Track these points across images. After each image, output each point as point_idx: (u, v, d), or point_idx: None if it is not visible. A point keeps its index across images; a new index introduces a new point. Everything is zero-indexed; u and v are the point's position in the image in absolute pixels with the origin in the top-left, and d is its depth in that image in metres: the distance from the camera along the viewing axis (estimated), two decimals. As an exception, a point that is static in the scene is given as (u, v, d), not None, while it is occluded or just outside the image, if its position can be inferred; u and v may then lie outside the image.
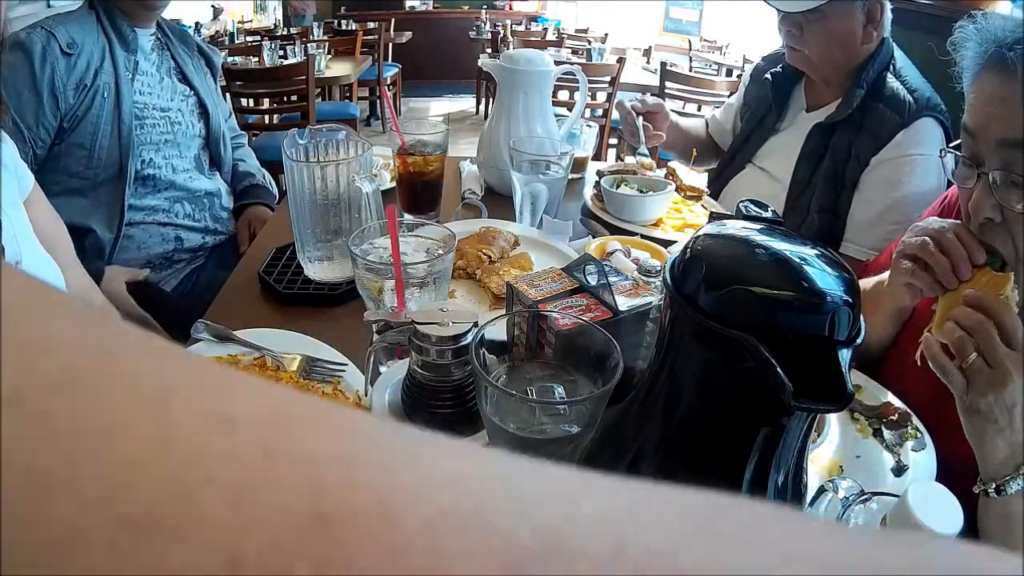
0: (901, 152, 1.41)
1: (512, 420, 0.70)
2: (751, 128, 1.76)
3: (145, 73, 1.62)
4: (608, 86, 4.67)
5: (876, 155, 1.43)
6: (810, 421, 0.56)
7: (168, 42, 1.69)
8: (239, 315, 1.10)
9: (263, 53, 4.90)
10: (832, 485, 0.68)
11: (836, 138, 1.50)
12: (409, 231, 1.01)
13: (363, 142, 1.15)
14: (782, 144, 1.67)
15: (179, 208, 1.69)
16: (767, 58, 1.80)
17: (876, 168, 1.44)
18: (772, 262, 0.51)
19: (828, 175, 1.50)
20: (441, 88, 8.46)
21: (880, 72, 1.47)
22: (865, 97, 1.46)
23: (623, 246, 1.23)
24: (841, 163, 1.48)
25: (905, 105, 1.42)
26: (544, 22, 8.40)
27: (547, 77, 1.58)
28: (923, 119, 1.41)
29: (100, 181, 1.56)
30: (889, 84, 1.45)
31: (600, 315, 0.85)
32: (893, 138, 1.41)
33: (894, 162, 1.41)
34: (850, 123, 1.47)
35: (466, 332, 0.79)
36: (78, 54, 1.48)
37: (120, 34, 1.54)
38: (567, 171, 1.39)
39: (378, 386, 0.89)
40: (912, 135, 1.41)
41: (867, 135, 1.45)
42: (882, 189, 1.43)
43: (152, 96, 1.63)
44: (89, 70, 1.49)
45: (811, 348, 0.46)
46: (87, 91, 1.49)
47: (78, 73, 1.48)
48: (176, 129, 1.68)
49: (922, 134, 1.41)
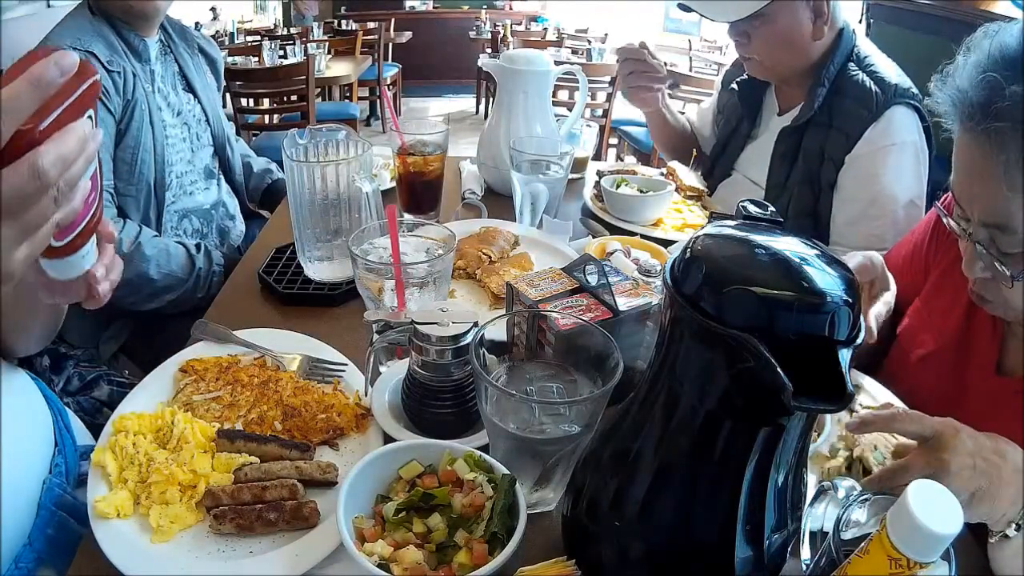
0: (874, 146, 1.37)
1: (512, 420, 0.70)
2: (727, 136, 1.74)
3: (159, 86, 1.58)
4: (608, 86, 4.67)
5: (850, 153, 1.40)
6: (810, 421, 0.56)
7: (171, 45, 1.66)
8: (239, 315, 1.10)
9: (263, 53, 4.90)
10: (832, 485, 0.68)
11: (807, 140, 1.46)
12: (409, 231, 1.01)
13: (363, 142, 1.15)
14: (759, 150, 1.64)
15: (186, 224, 1.65)
16: (736, 63, 1.75)
17: (851, 166, 1.41)
18: (772, 262, 0.51)
19: (804, 178, 1.47)
20: (441, 88, 8.46)
21: (843, 65, 1.43)
22: (831, 94, 1.42)
23: (623, 246, 1.23)
24: (815, 166, 1.45)
25: (872, 97, 1.37)
26: (544, 22, 8.40)
27: (547, 77, 1.58)
28: (892, 108, 1.36)
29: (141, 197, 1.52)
30: (852, 77, 1.41)
31: (600, 315, 0.85)
32: (864, 134, 1.37)
33: (868, 157, 1.38)
34: (819, 124, 1.43)
35: (466, 332, 0.79)
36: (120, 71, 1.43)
37: (130, 45, 1.50)
38: (567, 171, 1.39)
39: (378, 386, 0.89)
40: (884, 127, 1.36)
41: (837, 134, 1.41)
42: (860, 186, 1.40)
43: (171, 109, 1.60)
44: (128, 84, 1.45)
45: (811, 348, 0.46)
46: (130, 106, 1.45)
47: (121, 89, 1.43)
48: (191, 139, 1.65)
49: (894, 124, 1.36)
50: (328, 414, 0.86)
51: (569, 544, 0.69)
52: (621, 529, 0.61)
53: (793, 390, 0.44)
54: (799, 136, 1.48)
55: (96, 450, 0.77)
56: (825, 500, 0.68)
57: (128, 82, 1.44)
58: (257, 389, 0.90)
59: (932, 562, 0.49)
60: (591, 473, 0.65)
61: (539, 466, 0.71)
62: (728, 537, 0.56)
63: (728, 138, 1.74)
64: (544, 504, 0.76)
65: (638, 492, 0.59)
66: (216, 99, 1.78)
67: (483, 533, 0.63)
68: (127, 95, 1.44)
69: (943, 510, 0.48)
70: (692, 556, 0.60)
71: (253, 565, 0.69)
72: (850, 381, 0.45)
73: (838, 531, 0.59)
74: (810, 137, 1.46)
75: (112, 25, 1.48)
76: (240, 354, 0.97)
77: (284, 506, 0.72)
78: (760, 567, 0.59)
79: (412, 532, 0.65)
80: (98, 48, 1.40)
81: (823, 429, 0.88)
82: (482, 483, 0.67)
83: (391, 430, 0.83)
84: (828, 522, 0.66)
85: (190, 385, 0.90)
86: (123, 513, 0.72)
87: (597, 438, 0.67)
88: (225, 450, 0.79)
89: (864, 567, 0.51)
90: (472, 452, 0.71)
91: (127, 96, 1.44)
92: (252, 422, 0.85)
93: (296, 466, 0.77)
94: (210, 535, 0.72)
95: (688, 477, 0.57)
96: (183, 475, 0.74)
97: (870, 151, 1.37)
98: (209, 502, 0.73)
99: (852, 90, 1.40)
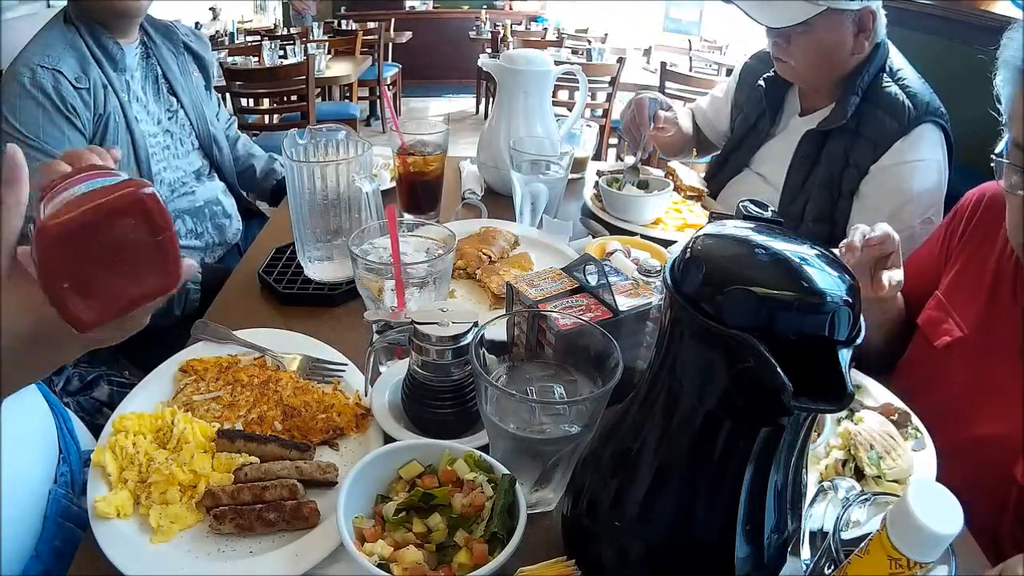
0: (901, 159, 1.38)
1: (512, 420, 0.70)
2: (744, 132, 1.74)
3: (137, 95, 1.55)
4: (608, 86, 4.67)
5: (876, 163, 1.40)
6: (810, 421, 0.56)
7: (152, 47, 1.62)
8: (239, 315, 1.10)
9: (263, 53, 4.90)
10: (832, 485, 0.68)
11: (831, 145, 1.47)
12: (409, 231, 1.01)
13: (363, 142, 1.15)
14: (777, 149, 1.64)
15: (180, 225, 1.63)
16: (757, 56, 1.76)
17: (875, 176, 1.41)
18: (772, 262, 0.51)
19: (823, 182, 1.47)
20: (441, 88, 8.46)
21: (876, 75, 1.44)
22: (861, 102, 1.42)
23: (623, 246, 1.23)
24: (837, 171, 1.45)
25: (905, 111, 1.38)
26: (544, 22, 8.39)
27: (547, 77, 1.58)
28: (923, 125, 1.38)
29: None
30: (886, 89, 1.42)
31: (600, 315, 0.85)
32: (892, 146, 1.38)
33: (895, 169, 1.39)
34: (846, 130, 1.44)
35: (466, 332, 0.79)
36: (89, 86, 1.41)
37: (107, 53, 1.47)
38: (567, 171, 1.39)
39: (378, 386, 0.89)
40: (912, 142, 1.38)
41: (865, 142, 1.41)
42: (883, 197, 1.41)
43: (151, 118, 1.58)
44: (99, 98, 1.43)
45: (811, 348, 0.46)
46: (102, 120, 1.44)
47: (91, 103, 1.42)
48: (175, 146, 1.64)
49: (923, 140, 1.38)
50: (328, 414, 0.86)
51: (569, 544, 0.69)
52: (621, 529, 0.61)
53: (793, 390, 0.44)
54: (823, 140, 1.48)
55: (96, 450, 0.77)
56: (825, 500, 0.68)
57: (98, 95, 1.43)
58: (257, 389, 0.90)
59: (932, 562, 0.49)
60: (591, 473, 0.65)
61: (539, 466, 0.71)
62: (728, 537, 0.56)
63: (745, 134, 1.73)
64: (544, 504, 0.76)
65: (638, 492, 0.59)
66: (202, 98, 1.75)
67: (483, 533, 0.63)
68: (98, 109, 1.43)
69: (943, 510, 0.48)
70: (692, 556, 0.60)
71: (253, 565, 0.69)
72: (850, 381, 0.45)
73: (838, 531, 0.59)
74: (835, 142, 1.46)
75: (91, 32, 1.45)
76: (240, 354, 0.97)
77: (284, 506, 0.72)
78: (760, 567, 0.59)
79: (412, 532, 0.65)
80: (66, 65, 1.39)
81: (823, 429, 0.88)
82: (482, 483, 0.67)
83: (391, 430, 0.83)
84: (828, 522, 0.66)
85: (190, 385, 0.90)
86: (123, 513, 0.72)
87: (597, 438, 0.67)
88: (225, 450, 0.79)
89: (864, 567, 0.51)
90: (472, 452, 0.71)
91: (98, 110, 1.43)
92: (252, 422, 0.85)
93: (296, 466, 0.77)
94: (210, 535, 0.72)
95: (688, 477, 0.57)
96: (183, 475, 0.74)
97: (896, 164, 1.39)
98: (209, 502, 0.73)
99: (885, 101, 1.41)
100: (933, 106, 1.40)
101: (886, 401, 0.95)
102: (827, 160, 1.47)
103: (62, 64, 1.38)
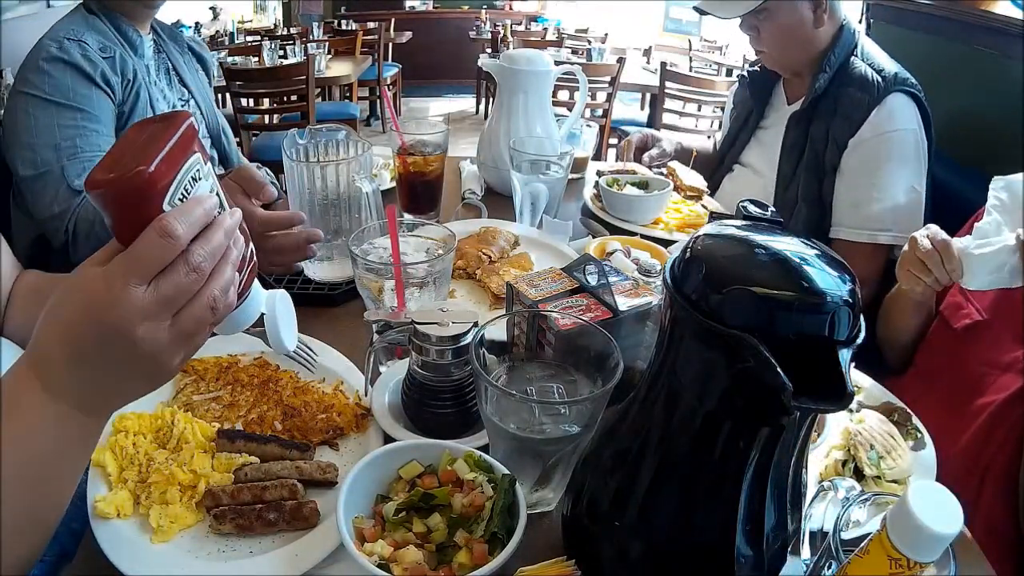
0: (877, 131, 1.45)
1: (512, 420, 0.70)
2: (737, 129, 1.78)
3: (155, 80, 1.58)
4: (608, 86, 4.67)
5: (853, 136, 1.47)
6: (810, 421, 0.56)
7: (162, 43, 1.67)
8: (239, 315, 1.10)
9: (263, 53, 4.90)
10: (832, 485, 0.68)
11: (814, 127, 1.53)
12: (409, 231, 1.01)
13: (363, 142, 1.15)
14: (766, 139, 1.70)
15: None
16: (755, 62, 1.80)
17: (854, 150, 1.48)
18: (772, 262, 0.51)
19: (809, 165, 1.54)
20: (441, 88, 8.46)
21: (846, 58, 1.51)
22: (836, 83, 1.50)
23: (623, 246, 1.23)
24: (820, 151, 1.52)
25: (873, 84, 1.46)
26: (544, 22, 8.40)
27: (547, 77, 1.58)
28: (893, 95, 1.45)
29: None
30: (856, 67, 1.50)
31: (600, 315, 0.85)
32: (867, 118, 1.45)
33: (871, 142, 1.45)
34: (825, 110, 1.51)
35: (466, 332, 0.79)
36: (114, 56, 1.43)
37: (127, 38, 1.51)
38: (567, 171, 1.39)
39: (378, 386, 0.89)
40: (886, 113, 1.45)
41: (841, 119, 1.49)
42: (863, 170, 1.47)
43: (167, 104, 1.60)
44: (126, 67, 1.45)
45: (811, 348, 0.46)
46: (131, 86, 1.45)
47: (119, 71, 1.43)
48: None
49: (896, 111, 1.45)
50: (328, 414, 0.86)
51: (569, 544, 0.69)
52: (621, 529, 0.61)
53: (793, 390, 0.44)
54: (806, 124, 1.55)
55: (96, 450, 0.77)
56: (825, 500, 0.68)
57: (125, 66, 1.45)
58: (257, 389, 0.90)
59: (932, 562, 0.49)
60: (591, 473, 0.65)
61: (539, 466, 0.71)
62: (728, 537, 0.56)
63: (738, 131, 1.78)
64: (544, 504, 0.76)
65: (638, 492, 0.59)
66: (208, 94, 1.80)
67: (483, 533, 0.63)
68: (127, 75, 1.45)
69: (943, 510, 0.48)
70: (692, 556, 0.60)
71: (253, 565, 0.69)
72: (850, 381, 0.45)
73: (838, 531, 0.59)
74: (817, 125, 1.53)
75: (111, 20, 1.49)
76: (240, 354, 0.97)
77: (284, 506, 0.72)
78: (760, 567, 0.59)
79: (412, 532, 0.65)
80: (90, 38, 1.41)
81: (823, 429, 0.88)
82: (482, 483, 0.67)
83: (391, 430, 0.83)
84: (828, 522, 0.66)
85: (190, 385, 0.90)
86: (123, 513, 0.72)
87: (597, 438, 0.67)
88: (225, 450, 0.79)
89: (864, 567, 0.51)
90: (472, 452, 0.71)
91: (127, 76, 1.44)
92: (252, 422, 0.85)
93: (296, 466, 0.77)
94: (210, 535, 0.72)
95: (688, 477, 0.57)
96: (183, 475, 0.74)
97: (873, 136, 1.45)
98: (209, 502, 0.73)
99: (855, 79, 1.49)
100: (901, 76, 1.48)
101: (886, 401, 0.95)
102: (811, 143, 1.54)
103: (87, 37, 1.41)
